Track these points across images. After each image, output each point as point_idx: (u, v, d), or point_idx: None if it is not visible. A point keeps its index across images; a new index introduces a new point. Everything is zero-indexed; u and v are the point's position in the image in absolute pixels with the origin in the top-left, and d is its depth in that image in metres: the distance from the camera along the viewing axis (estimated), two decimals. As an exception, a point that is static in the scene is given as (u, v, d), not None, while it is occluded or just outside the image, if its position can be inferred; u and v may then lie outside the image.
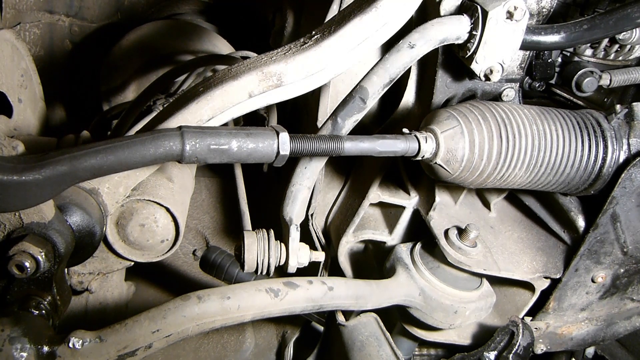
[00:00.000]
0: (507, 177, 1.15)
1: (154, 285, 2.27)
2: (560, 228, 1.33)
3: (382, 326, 1.45)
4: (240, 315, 1.09)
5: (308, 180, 1.26)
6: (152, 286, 2.27)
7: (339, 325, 1.47)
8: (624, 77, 1.48)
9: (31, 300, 1.02)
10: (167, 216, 1.28)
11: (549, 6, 1.25)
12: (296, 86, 1.12)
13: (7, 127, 1.59)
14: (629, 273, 1.34)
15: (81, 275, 1.31)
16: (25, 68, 1.71)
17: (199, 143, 0.90)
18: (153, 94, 1.90)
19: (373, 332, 1.44)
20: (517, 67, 1.30)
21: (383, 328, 1.44)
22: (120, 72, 2.30)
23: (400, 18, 1.09)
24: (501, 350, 1.33)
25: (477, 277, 1.37)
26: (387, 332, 1.45)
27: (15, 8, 2.14)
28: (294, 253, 1.30)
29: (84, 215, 1.11)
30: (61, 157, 0.84)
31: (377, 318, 1.46)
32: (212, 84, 1.12)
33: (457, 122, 1.11)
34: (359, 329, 1.45)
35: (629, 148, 1.15)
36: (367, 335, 1.43)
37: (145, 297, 2.21)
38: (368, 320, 1.45)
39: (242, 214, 1.67)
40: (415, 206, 1.50)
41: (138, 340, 1.00)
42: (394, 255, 1.42)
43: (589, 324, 1.43)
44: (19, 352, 0.91)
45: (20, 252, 0.97)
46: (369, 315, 1.45)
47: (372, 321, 1.45)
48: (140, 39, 2.26)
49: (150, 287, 2.26)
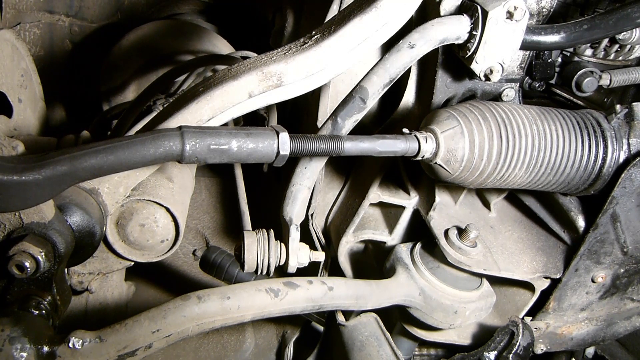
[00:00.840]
0: (507, 177, 1.14)
1: (154, 285, 2.27)
2: (560, 228, 1.33)
3: (382, 326, 1.44)
4: (240, 315, 1.09)
5: (308, 180, 1.26)
6: (152, 286, 2.27)
7: (339, 325, 1.47)
8: (624, 77, 1.48)
9: (31, 300, 1.02)
10: (167, 216, 1.28)
11: (549, 6, 1.25)
12: (296, 86, 1.12)
13: (7, 127, 1.59)
14: (629, 273, 1.34)
15: (81, 275, 1.31)
16: (25, 68, 1.71)
17: (199, 143, 0.90)
18: (153, 94, 1.90)
19: (373, 332, 1.44)
20: (517, 67, 1.30)
21: (383, 328, 1.44)
22: (120, 72, 2.30)
23: (400, 18, 1.09)
24: (501, 350, 1.33)
25: (477, 277, 1.37)
26: (387, 332, 1.44)
27: (15, 8, 2.14)
28: (294, 253, 1.30)
29: (84, 215, 1.11)
30: (61, 157, 0.84)
31: (377, 318, 1.46)
32: (212, 84, 1.12)
33: (457, 122, 1.11)
34: (359, 329, 1.44)
35: (629, 148, 1.15)
36: (367, 335, 1.43)
37: (145, 297, 2.21)
38: (368, 320, 1.45)
39: (242, 214, 1.67)
40: (415, 206, 1.50)
41: (138, 340, 1.00)
42: (394, 255, 1.42)
43: (589, 324, 1.43)
44: (18, 352, 0.91)
45: (20, 252, 0.97)
46: (369, 315, 1.45)
47: (372, 321, 1.45)
48: (140, 39, 2.26)
49: (150, 287, 2.26)
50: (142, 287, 2.19)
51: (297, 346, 2.08)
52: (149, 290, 2.25)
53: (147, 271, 2.10)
